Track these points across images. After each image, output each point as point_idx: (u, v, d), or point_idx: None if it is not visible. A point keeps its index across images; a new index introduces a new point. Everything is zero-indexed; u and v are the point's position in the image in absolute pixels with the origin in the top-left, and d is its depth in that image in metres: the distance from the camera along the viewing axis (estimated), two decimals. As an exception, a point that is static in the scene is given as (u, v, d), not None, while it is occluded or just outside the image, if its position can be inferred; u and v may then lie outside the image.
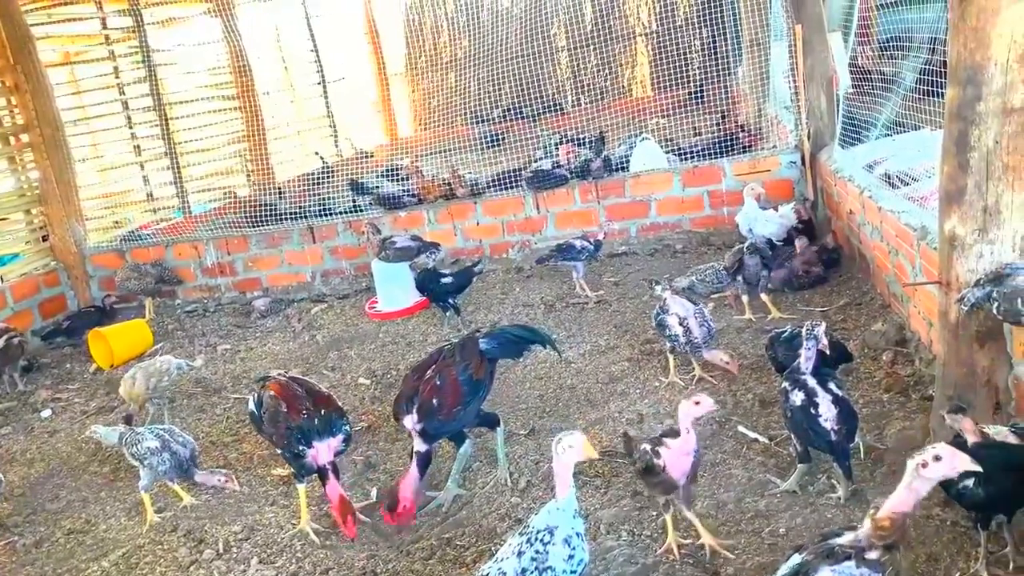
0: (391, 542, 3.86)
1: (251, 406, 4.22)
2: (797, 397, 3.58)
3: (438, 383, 3.99)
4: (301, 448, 3.88)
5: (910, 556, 3.11)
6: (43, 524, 4.59)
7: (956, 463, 2.35)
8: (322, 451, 3.89)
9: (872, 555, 2.35)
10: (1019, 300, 2.93)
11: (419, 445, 3.94)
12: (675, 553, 3.36)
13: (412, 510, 3.87)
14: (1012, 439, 2.97)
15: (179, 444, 4.33)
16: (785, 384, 3.71)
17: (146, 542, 4.21)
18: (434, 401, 3.93)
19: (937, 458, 2.36)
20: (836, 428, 3.45)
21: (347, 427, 4.04)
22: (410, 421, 3.95)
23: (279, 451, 4.14)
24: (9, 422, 6.16)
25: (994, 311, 3.05)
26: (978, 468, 2.37)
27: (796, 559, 2.53)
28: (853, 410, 3.59)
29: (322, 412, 3.97)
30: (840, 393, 3.58)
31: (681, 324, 4.77)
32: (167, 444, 4.30)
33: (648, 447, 3.32)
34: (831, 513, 3.48)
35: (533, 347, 4.45)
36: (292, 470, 4.12)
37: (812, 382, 3.60)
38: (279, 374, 4.29)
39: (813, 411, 3.50)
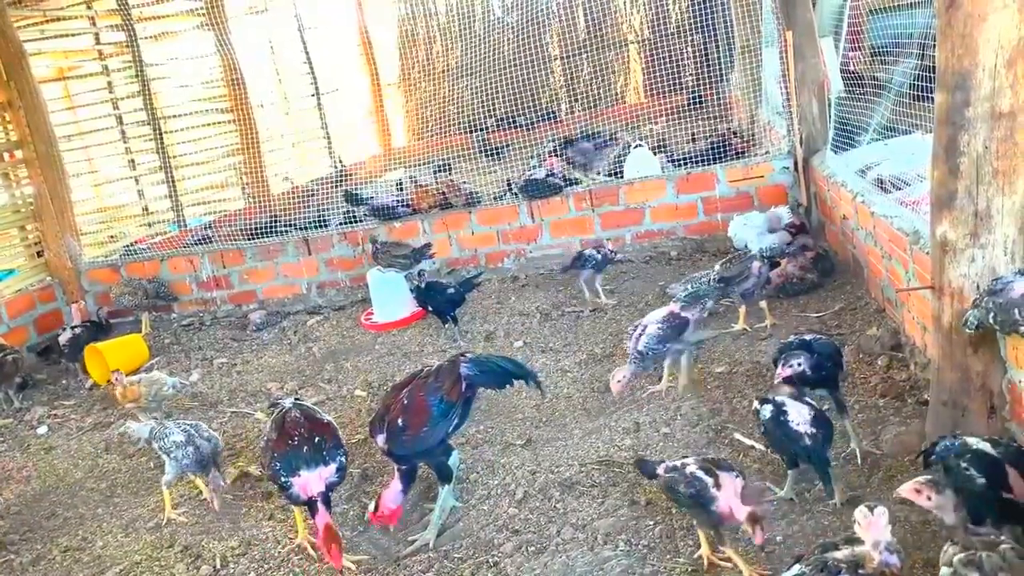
0: (389, 555, 3.85)
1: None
2: (766, 410, 3.60)
3: (405, 403, 3.92)
4: (284, 479, 3.75)
5: (907, 562, 3.10)
6: (40, 541, 4.57)
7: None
8: (312, 481, 3.74)
9: (866, 571, 2.35)
10: (1016, 310, 2.94)
11: (398, 463, 3.93)
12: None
13: (391, 518, 3.89)
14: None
15: (203, 439, 4.46)
16: (755, 404, 3.72)
17: (143, 559, 4.20)
18: (399, 421, 3.86)
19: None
20: (810, 432, 3.45)
21: (342, 458, 3.87)
22: (381, 440, 3.93)
23: (270, 481, 4.06)
24: (5, 439, 6.15)
25: (990, 321, 3.06)
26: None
27: (796, 569, 2.54)
28: (826, 416, 3.58)
29: (315, 440, 3.84)
30: (811, 402, 3.57)
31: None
32: (191, 439, 4.43)
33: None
34: (827, 520, 3.48)
35: (517, 382, 4.30)
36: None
37: (780, 397, 3.61)
38: (280, 387, 4.26)
39: (783, 419, 3.51)
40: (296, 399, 4.36)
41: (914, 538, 3.21)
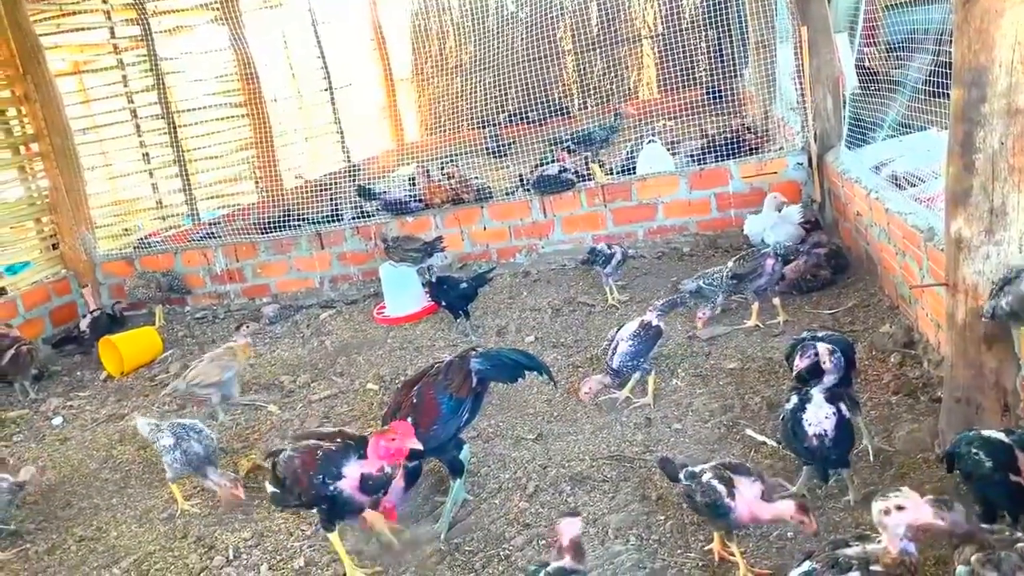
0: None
1: (270, 489, 3.74)
2: (792, 401, 3.59)
3: (415, 401, 3.91)
4: (331, 489, 3.47)
5: (920, 559, 3.09)
6: (55, 531, 4.62)
7: (919, 514, 2.41)
8: (355, 473, 3.50)
9: (878, 567, 2.35)
10: None
11: (408, 460, 3.87)
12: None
13: (391, 516, 3.86)
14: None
15: (194, 441, 4.42)
16: (791, 393, 3.70)
17: (157, 549, 4.23)
18: (409, 419, 3.82)
19: (900, 508, 2.42)
20: (818, 434, 3.41)
21: None
22: None
23: (313, 509, 3.70)
24: (21, 430, 6.20)
25: (1004, 306, 3.04)
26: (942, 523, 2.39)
27: (807, 566, 2.54)
28: (847, 423, 3.50)
29: (342, 439, 3.65)
30: (845, 413, 3.50)
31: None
32: (179, 443, 4.41)
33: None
34: (839, 516, 3.48)
35: (529, 373, 4.27)
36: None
37: (816, 393, 3.57)
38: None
39: (799, 415, 3.49)
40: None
41: (926, 535, 3.19)
